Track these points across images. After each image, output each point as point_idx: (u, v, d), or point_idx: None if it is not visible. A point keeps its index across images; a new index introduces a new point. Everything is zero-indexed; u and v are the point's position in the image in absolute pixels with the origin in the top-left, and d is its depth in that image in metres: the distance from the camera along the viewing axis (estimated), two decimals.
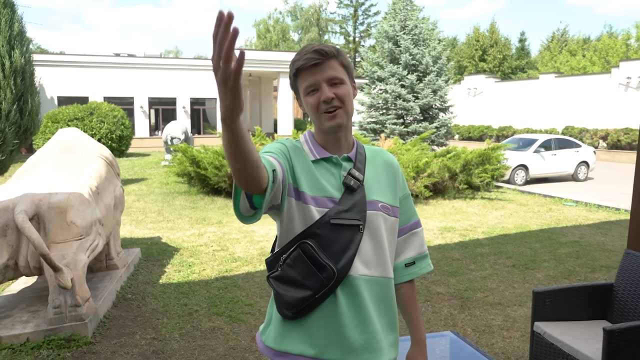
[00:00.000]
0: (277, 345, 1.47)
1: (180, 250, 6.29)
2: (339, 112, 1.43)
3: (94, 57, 24.85)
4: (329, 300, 1.42)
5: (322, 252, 1.40)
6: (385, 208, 1.51)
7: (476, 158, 10.37)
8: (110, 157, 5.16)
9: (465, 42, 44.41)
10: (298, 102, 1.54)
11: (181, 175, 10.82)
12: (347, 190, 1.46)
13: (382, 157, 1.61)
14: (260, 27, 50.12)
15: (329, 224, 1.41)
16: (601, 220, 8.29)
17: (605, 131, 21.88)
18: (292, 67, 1.46)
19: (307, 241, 1.41)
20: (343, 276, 1.41)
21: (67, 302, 3.69)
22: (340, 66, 1.45)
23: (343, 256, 1.41)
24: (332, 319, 1.42)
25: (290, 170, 1.42)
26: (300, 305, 1.42)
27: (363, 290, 1.44)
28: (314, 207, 1.42)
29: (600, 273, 5.47)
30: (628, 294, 3.16)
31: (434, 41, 20.61)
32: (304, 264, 1.41)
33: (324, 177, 1.47)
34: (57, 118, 17.89)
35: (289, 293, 1.43)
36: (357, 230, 1.43)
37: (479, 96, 30.53)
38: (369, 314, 1.44)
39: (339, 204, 1.43)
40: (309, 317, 1.43)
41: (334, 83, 1.43)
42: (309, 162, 1.47)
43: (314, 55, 1.41)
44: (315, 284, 1.40)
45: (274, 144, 1.47)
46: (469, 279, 5.24)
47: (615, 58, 32.87)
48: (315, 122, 1.48)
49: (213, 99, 27.22)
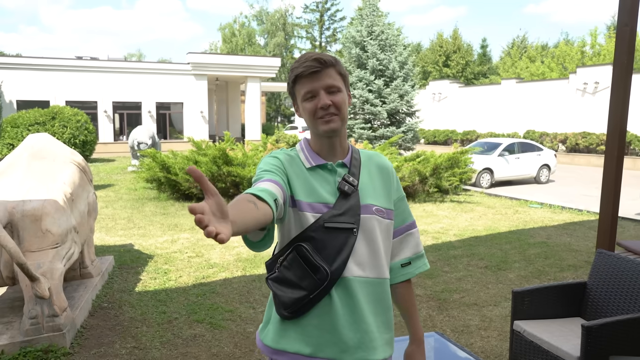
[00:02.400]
0: (275, 344, 1.53)
1: (154, 257, 6.20)
2: (335, 118, 1.49)
3: (55, 60, 24.17)
4: (324, 301, 1.47)
5: (316, 255, 1.46)
6: (379, 211, 1.56)
7: (445, 162, 10.58)
8: (82, 162, 5.04)
9: (429, 47, 45.23)
10: (294, 107, 1.60)
11: (150, 180, 10.65)
12: (342, 195, 1.51)
13: (376, 161, 1.66)
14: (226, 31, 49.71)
15: (323, 228, 1.47)
16: (566, 222, 8.59)
17: (565, 135, 22.66)
18: (291, 74, 1.52)
19: (303, 244, 1.47)
20: (337, 277, 1.46)
21: (44, 312, 3.59)
22: (337, 75, 1.52)
23: (337, 258, 1.47)
24: (327, 318, 1.47)
25: (286, 182, 1.48)
26: (296, 305, 1.47)
27: (357, 291, 1.49)
28: (309, 213, 1.48)
29: (569, 272, 5.68)
30: (601, 291, 3.30)
31: (400, 47, 20.95)
32: (299, 265, 1.47)
33: (319, 183, 1.53)
34: (16, 123, 17.30)
35: (286, 294, 1.49)
36: (351, 234, 1.49)
37: (444, 101, 31.14)
38: (363, 314, 1.49)
39: (333, 208, 1.49)
40: (305, 317, 1.49)
41: (332, 91, 1.49)
42: (304, 170, 1.53)
43: (314, 64, 1.47)
44: (309, 285, 1.45)
45: (268, 159, 1.52)
46: (444, 281, 5.35)
47: (572, 64, 34.12)
48: (311, 127, 1.54)
49: (179, 104, 26.86)
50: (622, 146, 3.78)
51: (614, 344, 2.77)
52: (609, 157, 3.85)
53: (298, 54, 48.89)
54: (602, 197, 3.91)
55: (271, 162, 1.49)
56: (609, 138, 3.84)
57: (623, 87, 3.71)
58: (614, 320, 2.79)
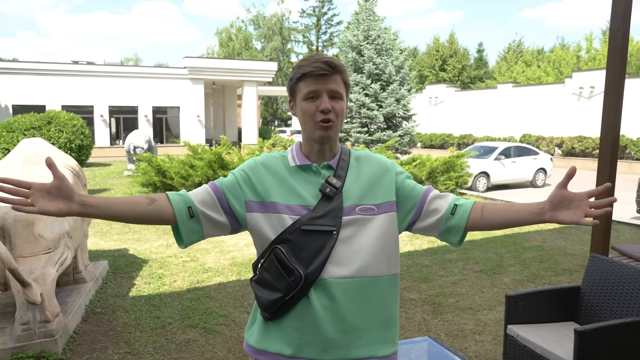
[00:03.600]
0: (258, 344, 1.55)
1: (149, 262, 6.17)
2: (332, 125, 1.49)
3: (51, 65, 24.15)
4: (303, 303, 1.47)
5: (292, 257, 1.47)
6: (365, 210, 1.53)
7: (441, 166, 10.60)
8: (77, 167, 5.03)
9: (426, 52, 45.41)
10: (290, 104, 1.59)
11: (146, 185, 10.63)
12: (324, 197, 1.51)
13: (367, 160, 1.63)
14: (223, 35, 49.78)
15: (300, 230, 1.47)
16: (561, 226, 8.60)
17: (560, 139, 22.73)
18: (297, 71, 1.50)
19: (279, 246, 1.48)
20: (313, 280, 1.46)
21: (36, 318, 3.57)
22: (342, 82, 1.52)
23: (314, 261, 1.46)
24: (307, 319, 1.47)
25: (248, 192, 1.54)
26: (273, 307, 1.49)
27: (337, 292, 1.47)
28: (287, 215, 1.49)
29: (564, 276, 5.68)
30: (594, 296, 3.30)
31: (397, 51, 21.02)
32: (275, 268, 1.49)
33: (301, 185, 1.53)
34: (12, 127, 17.24)
35: (264, 295, 1.51)
36: (330, 236, 1.48)
37: (440, 105, 31.23)
38: (344, 314, 1.48)
39: (313, 210, 1.49)
40: (285, 318, 1.50)
41: (334, 97, 1.49)
42: (285, 174, 1.55)
43: (324, 66, 1.46)
44: (284, 287, 1.46)
45: (231, 174, 1.60)
46: (439, 285, 5.35)
47: (568, 69, 34.28)
48: (305, 128, 1.53)
49: (176, 108, 26.85)
50: (615, 151, 3.79)
51: (607, 349, 2.77)
52: (602, 162, 3.86)
53: (295, 58, 48.98)
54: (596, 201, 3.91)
55: (227, 180, 1.58)
56: (602, 143, 3.85)
57: (616, 92, 3.72)
58: (607, 325, 2.79)
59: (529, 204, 1.52)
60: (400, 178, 1.63)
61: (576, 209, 1.42)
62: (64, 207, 1.35)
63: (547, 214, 1.46)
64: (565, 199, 1.44)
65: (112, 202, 1.43)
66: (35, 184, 1.33)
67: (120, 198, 1.47)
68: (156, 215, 1.48)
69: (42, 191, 1.33)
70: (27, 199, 1.32)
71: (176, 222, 1.50)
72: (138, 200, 1.47)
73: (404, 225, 1.64)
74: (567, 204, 1.44)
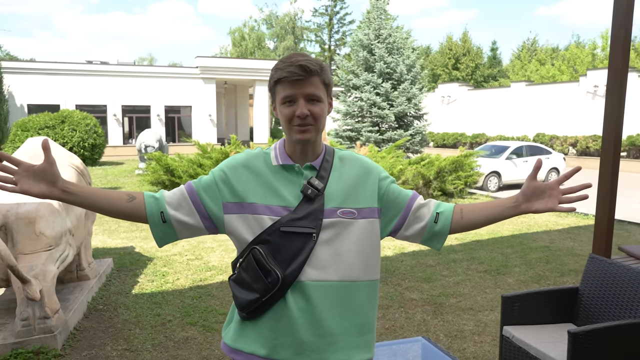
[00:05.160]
0: (233, 343, 1.55)
1: (153, 260, 6.22)
2: (310, 129, 1.47)
3: (65, 65, 24.46)
4: (279, 304, 1.47)
5: (271, 258, 1.46)
6: (346, 213, 1.51)
7: (449, 165, 10.52)
8: (81, 166, 5.08)
9: (439, 50, 45.11)
10: (273, 105, 1.57)
11: (155, 183, 10.72)
12: (305, 198, 1.49)
13: (351, 162, 1.61)
14: (236, 35, 50.00)
15: (279, 232, 1.46)
16: (570, 226, 8.50)
17: (575, 138, 22.44)
18: (273, 74, 1.49)
19: (257, 247, 1.47)
20: (290, 282, 1.45)
21: (36, 314, 3.62)
22: (321, 84, 1.48)
23: (292, 263, 1.45)
24: (283, 321, 1.47)
25: (226, 193, 1.52)
26: (249, 307, 1.48)
27: (314, 295, 1.46)
28: (267, 216, 1.48)
29: (569, 277, 5.61)
30: (592, 297, 3.25)
31: (408, 50, 20.91)
32: (253, 268, 1.48)
33: (283, 185, 1.51)
34: (27, 126, 17.53)
35: (241, 295, 1.51)
36: (309, 238, 1.47)
37: (453, 104, 31.02)
38: (320, 318, 1.47)
39: (293, 212, 1.47)
40: (261, 319, 1.50)
41: (311, 100, 1.46)
42: (266, 173, 1.52)
43: (297, 71, 1.42)
44: (261, 288, 1.46)
45: (210, 174, 1.58)
46: (442, 285, 5.31)
47: (583, 67, 33.83)
48: (285, 132, 1.52)
49: (188, 107, 27.04)
50: (617, 150, 3.73)
51: (602, 351, 2.73)
52: (604, 161, 3.81)
53: None
54: (598, 201, 3.86)
55: (203, 181, 1.57)
56: (604, 142, 3.79)
57: (618, 91, 3.66)
58: (602, 327, 2.74)
59: (504, 199, 1.59)
60: (385, 184, 1.61)
61: (549, 198, 1.52)
62: (46, 191, 1.41)
63: (522, 205, 1.54)
64: (537, 190, 1.53)
65: (93, 194, 1.48)
66: (24, 163, 1.40)
67: (103, 191, 1.52)
68: (133, 213, 1.53)
69: (28, 172, 1.40)
70: (12, 177, 1.39)
71: (149, 225, 1.54)
72: (119, 195, 1.51)
73: (387, 231, 1.63)
74: (540, 194, 1.53)
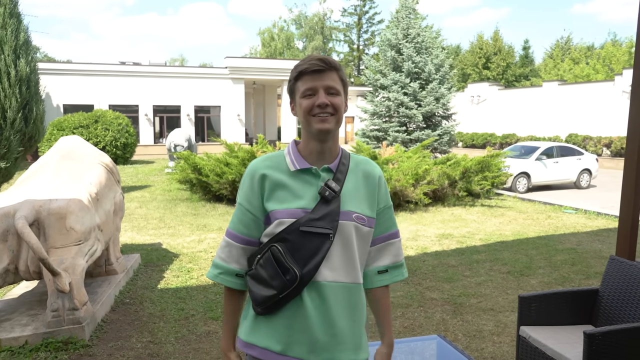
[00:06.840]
0: (247, 337, 1.60)
1: (179, 256, 6.38)
2: (330, 119, 1.52)
3: (99, 66, 25.12)
4: (295, 302, 1.52)
5: (289, 257, 1.51)
6: (359, 218, 1.58)
7: (475, 165, 10.42)
8: (110, 164, 5.26)
9: (469, 49, 44.51)
10: (291, 105, 1.62)
11: (183, 182, 10.94)
12: (322, 200, 1.54)
13: (364, 168, 1.66)
14: (265, 35, 50.46)
15: (298, 231, 1.51)
16: (599, 228, 8.32)
17: (609, 139, 21.85)
18: (294, 71, 1.56)
19: (277, 245, 1.52)
20: (307, 280, 1.50)
21: (65, 306, 3.78)
22: (339, 79, 1.56)
23: (310, 262, 1.51)
24: (299, 319, 1.52)
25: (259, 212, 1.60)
26: (265, 303, 1.53)
27: (329, 295, 1.52)
28: (286, 218, 1.53)
29: (595, 279, 5.51)
30: (612, 299, 3.21)
31: (437, 49, 20.73)
32: (271, 265, 1.52)
33: (301, 187, 1.56)
34: (62, 126, 18.10)
35: (258, 290, 1.54)
36: (326, 239, 1.52)
37: (483, 104, 30.58)
38: (334, 318, 1.53)
39: (311, 212, 1.52)
40: (277, 315, 1.54)
41: (331, 92, 1.53)
42: (283, 177, 1.57)
43: (319, 62, 1.51)
44: (278, 285, 1.50)
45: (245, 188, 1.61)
46: (463, 285, 5.30)
47: (619, 66, 32.89)
48: (304, 125, 1.56)
49: (217, 107, 27.41)
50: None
51: (618, 353, 2.70)
52: (628, 162, 3.73)
53: (336, 57, 49.01)
54: (622, 203, 3.79)
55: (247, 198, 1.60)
56: (628, 143, 3.72)
57: None
58: (619, 329, 2.72)
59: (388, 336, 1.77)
60: (384, 206, 1.69)
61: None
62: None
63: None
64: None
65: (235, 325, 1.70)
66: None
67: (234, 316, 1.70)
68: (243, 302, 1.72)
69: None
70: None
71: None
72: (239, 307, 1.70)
73: None
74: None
